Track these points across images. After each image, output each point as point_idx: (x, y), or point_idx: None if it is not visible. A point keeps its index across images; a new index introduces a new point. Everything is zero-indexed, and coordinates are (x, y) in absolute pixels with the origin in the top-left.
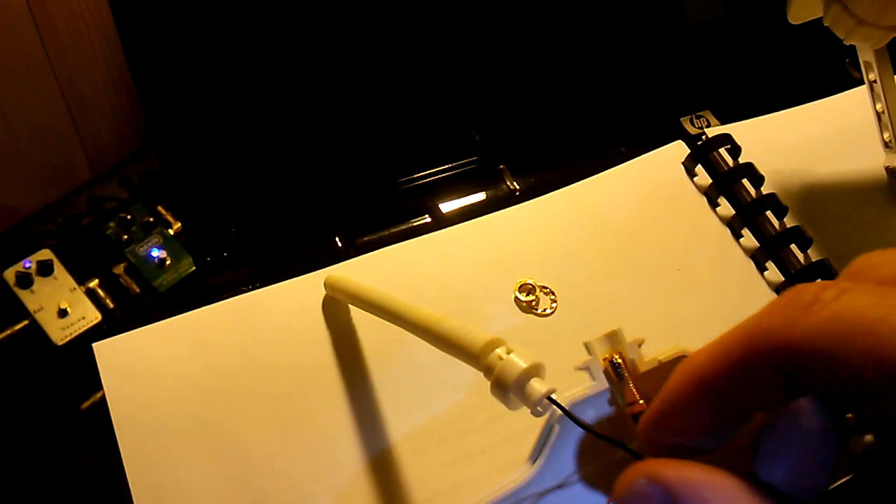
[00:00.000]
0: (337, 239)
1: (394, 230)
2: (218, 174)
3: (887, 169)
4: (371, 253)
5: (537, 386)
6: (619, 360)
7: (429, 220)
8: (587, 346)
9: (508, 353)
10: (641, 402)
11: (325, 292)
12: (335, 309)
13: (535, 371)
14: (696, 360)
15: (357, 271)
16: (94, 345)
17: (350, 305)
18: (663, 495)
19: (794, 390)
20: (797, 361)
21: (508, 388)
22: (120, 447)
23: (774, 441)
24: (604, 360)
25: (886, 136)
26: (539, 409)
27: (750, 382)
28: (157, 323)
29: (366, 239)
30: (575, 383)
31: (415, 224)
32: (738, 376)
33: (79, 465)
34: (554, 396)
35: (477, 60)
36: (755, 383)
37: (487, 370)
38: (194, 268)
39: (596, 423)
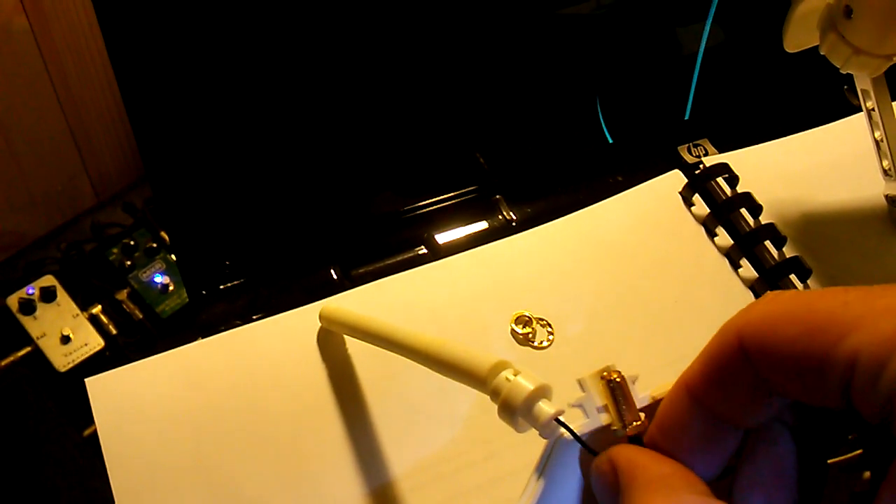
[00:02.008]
0: (332, 271)
1: (389, 261)
2: (212, 207)
3: (887, 197)
4: (366, 284)
5: (545, 407)
6: (618, 380)
7: (425, 251)
8: (580, 383)
9: (516, 375)
10: (641, 416)
11: (319, 325)
12: (331, 342)
13: (542, 393)
14: (685, 371)
15: (353, 303)
16: (86, 380)
17: (346, 337)
18: (613, 473)
19: (763, 397)
20: (751, 342)
21: (516, 410)
22: (111, 484)
23: (749, 468)
24: (601, 377)
25: (886, 164)
26: (547, 430)
27: (722, 381)
28: (150, 358)
29: (361, 270)
30: (571, 419)
31: (410, 255)
32: (713, 376)
33: (80, 491)
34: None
35: (473, 87)
36: (727, 383)
37: (494, 393)
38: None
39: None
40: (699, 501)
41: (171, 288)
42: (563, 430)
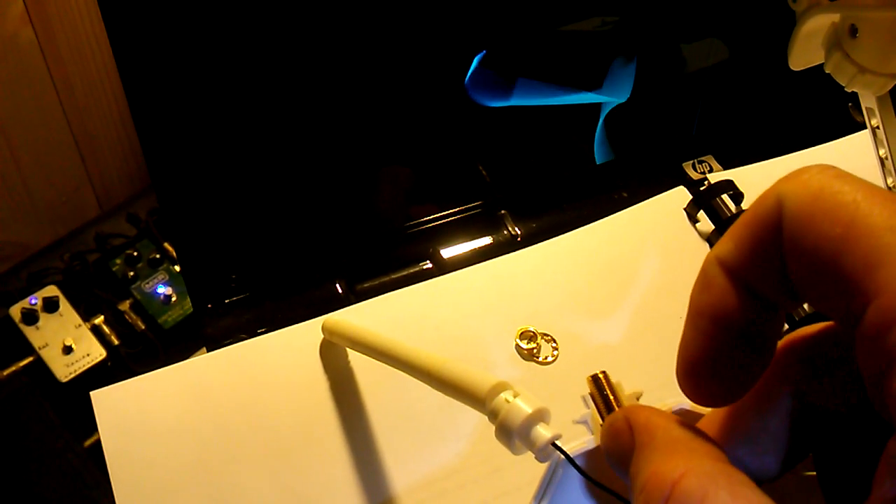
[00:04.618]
0: (337, 285)
1: (394, 276)
2: (218, 221)
3: None
4: (371, 299)
5: (542, 431)
6: (601, 376)
7: (430, 265)
8: (585, 400)
9: (515, 397)
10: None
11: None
12: (333, 354)
13: (540, 416)
14: (714, 246)
15: (357, 317)
16: (91, 393)
17: (348, 350)
18: (629, 432)
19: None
20: (788, 218)
21: (513, 432)
22: (115, 497)
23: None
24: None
25: (890, 181)
26: (543, 454)
27: (756, 250)
28: (155, 371)
29: (366, 285)
30: (576, 433)
31: (415, 270)
32: (746, 244)
33: (80, 502)
34: (558, 443)
35: (479, 103)
36: (760, 252)
37: (492, 414)
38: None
39: (596, 476)
40: (719, 468)
41: (173, 299)
42: (559, 453)
